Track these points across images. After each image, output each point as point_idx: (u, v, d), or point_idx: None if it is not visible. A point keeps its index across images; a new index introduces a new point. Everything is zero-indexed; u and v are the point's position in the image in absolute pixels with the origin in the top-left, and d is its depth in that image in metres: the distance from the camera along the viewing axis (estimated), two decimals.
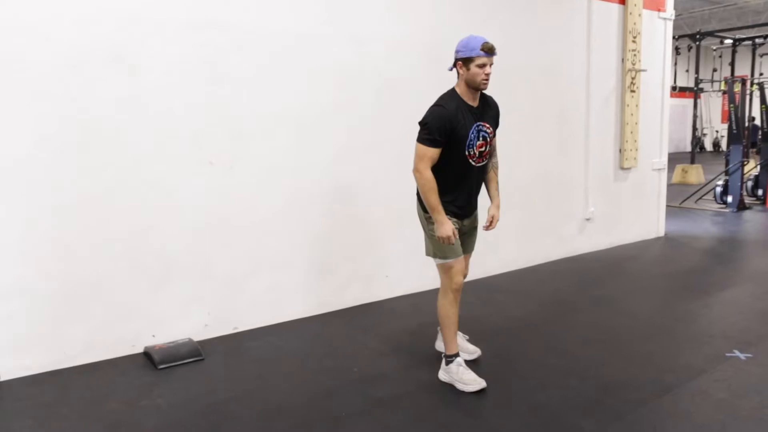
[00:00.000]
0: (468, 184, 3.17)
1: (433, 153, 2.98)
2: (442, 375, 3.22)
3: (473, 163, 3.11)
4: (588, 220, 6.28)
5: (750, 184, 9.97)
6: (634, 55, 6.40)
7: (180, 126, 3.72)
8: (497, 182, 3.37)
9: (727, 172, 9.50)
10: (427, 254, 3.24)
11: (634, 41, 6.36)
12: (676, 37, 11.54)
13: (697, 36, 13.16)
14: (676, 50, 12.72)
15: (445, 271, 3.16)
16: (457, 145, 3.03)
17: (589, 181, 6.22)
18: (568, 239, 6.14)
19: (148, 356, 3.56)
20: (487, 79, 2.99)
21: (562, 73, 5.86)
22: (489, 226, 3.35)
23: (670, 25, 6.93)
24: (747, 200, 9.55)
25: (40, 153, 3.30)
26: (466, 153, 3.06)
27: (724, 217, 8.70)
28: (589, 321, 4.22)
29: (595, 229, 6.37)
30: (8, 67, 3.18)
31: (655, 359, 3.51)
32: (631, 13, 6.28)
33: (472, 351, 3.47)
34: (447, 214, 3.06)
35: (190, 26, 3.69)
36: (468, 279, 3.66)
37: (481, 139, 3.10)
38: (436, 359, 3.35)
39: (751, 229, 7.79)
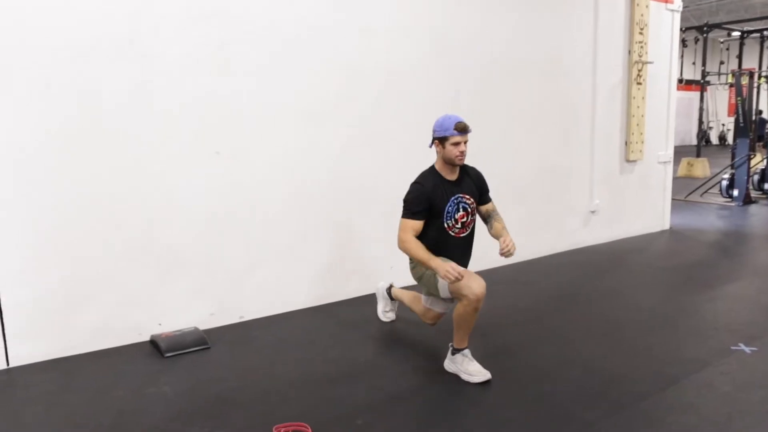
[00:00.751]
0: (449, 254, 3.23)
1: (414, 224, 3.18)
2: (448, 364, 3.24)
3: (453, 234, 3.27)
4: (593, 212, 6.27)
5: (756, 177, 9.94)
6: (641, 47, 6.37)
7: (187, 118, 3.73)
8: (504, 226, 3.34)
9: (733, 166, 9.47)
10: (443, 295, 3.25)
11: (641, 33, 6.33)
12: (683, 29, 11.48)
13: (705, 28, 13.08)
14: (683, 42, 12.64)
15: (458, 294, 3.09)
16: (436, 217, 3.22)
17: (594, 173, 6.21)
18: (573, 232, 6.14)
19: (154, 344, 3.59)
20: (461, 156, 3.18)
21: (568, 64, 5.84)
22: (505, 251, 3.17)
23: (677, 16, 6.89)
24: (753, 194, 9.52)
25: (47, 144, 3.31)
26: (445, 225, 3.23)
27: (730, 210, 8.68)
28: (593, 313, 4.22)
29: (600, 222, 6.36)
30: (14, 60, 3.18)
31: (660, 352, 3.52)
32: (638, 5, 6.25)
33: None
34: None
35: (197, 17, 3.69)
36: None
37: (461, 210, 3.27)
38: (441, 351, 3.37)
39: (757, 224, 7.77)
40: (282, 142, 4.12)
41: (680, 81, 9.36)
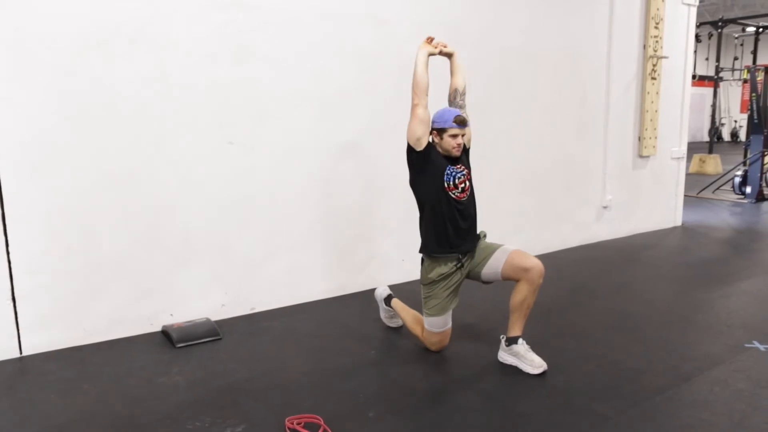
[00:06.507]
0: (455, 219, 3.26)
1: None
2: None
3: (454, 197, 3.25)
4: (605, 207, 6.23)
5: None
6: (656, 41, 6.31)
7: (203, 106, 3.73)
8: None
9: (746, 162, 9.38)
10: (428, 326, 3.38)
11: (656, 27, 6.27)
12: (698, 24, 11.34)
13: (719, 23, 12.94)
14: (697, 38, 12.51)
15: (425, 333, 3.36)
16: (434, 177, 3.24)
17: (607, 168, 6.17)
18: (586, 226, 6.11)
19: (166, 335, 3.60)
20: (458, 148, 3.26)
21: (583, 58, 5.80)
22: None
23: (693, 11, 6.81)
24: (766, 191, 9.43)
25: (63, 131, 3.32)
26: (446, 185, 3.24)
27: (743, 208, 8.61)
28: (606, 308, 4.20)
29: (613, 217, 6.33)
30: (32, 45, 3.18)
31: (673, 347, 3.49)
32: None
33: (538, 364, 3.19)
34: (445, 250, 3.30)
35: (214, 5, 3.68)
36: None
37: (460, 176, 3.30)
38: (452, 345, 3.36)
39: None
40: (297, 131, 4.11)
41: (693, 77, 9.25)
